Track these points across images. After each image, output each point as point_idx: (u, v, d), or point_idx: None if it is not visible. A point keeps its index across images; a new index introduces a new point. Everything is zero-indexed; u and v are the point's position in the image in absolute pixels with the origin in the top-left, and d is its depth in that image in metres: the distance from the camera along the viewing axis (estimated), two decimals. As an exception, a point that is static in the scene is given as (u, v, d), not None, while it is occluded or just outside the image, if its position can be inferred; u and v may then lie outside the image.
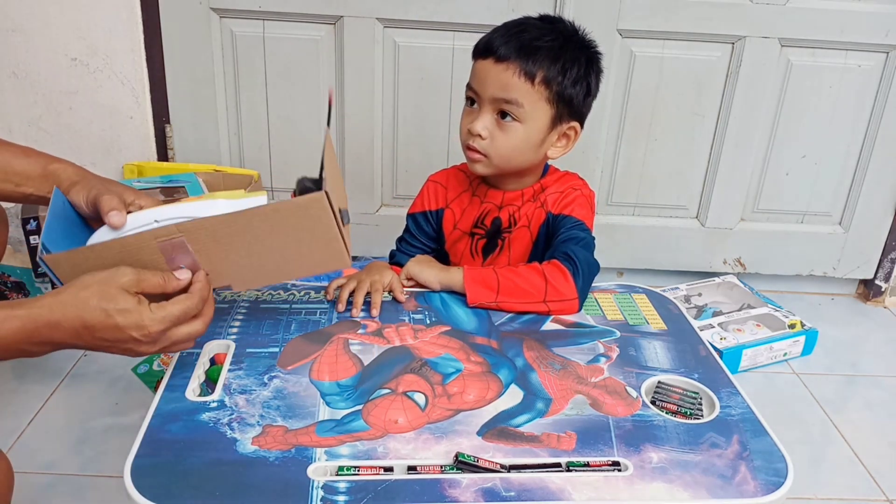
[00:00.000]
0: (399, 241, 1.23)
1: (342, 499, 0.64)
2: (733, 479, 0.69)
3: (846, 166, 1.77)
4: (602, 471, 0.69)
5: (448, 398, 0.79)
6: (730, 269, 1.86)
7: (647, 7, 1.59)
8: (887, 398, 1.50)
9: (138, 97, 1.63)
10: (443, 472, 0.68)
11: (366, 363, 0.84)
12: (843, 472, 1.29)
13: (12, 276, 1.52)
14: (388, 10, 1.58)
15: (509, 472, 0.69)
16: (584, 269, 0.99)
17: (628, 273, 1.88)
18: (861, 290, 1.92)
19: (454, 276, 1.01)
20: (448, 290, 1.01)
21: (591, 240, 1.07)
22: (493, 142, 1.03)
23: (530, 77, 1.00)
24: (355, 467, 0.68)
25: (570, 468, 0.70)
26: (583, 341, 0.91)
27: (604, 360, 0.88)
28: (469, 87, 1.05)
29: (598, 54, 1.06)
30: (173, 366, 0.82)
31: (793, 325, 1.61)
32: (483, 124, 1.02)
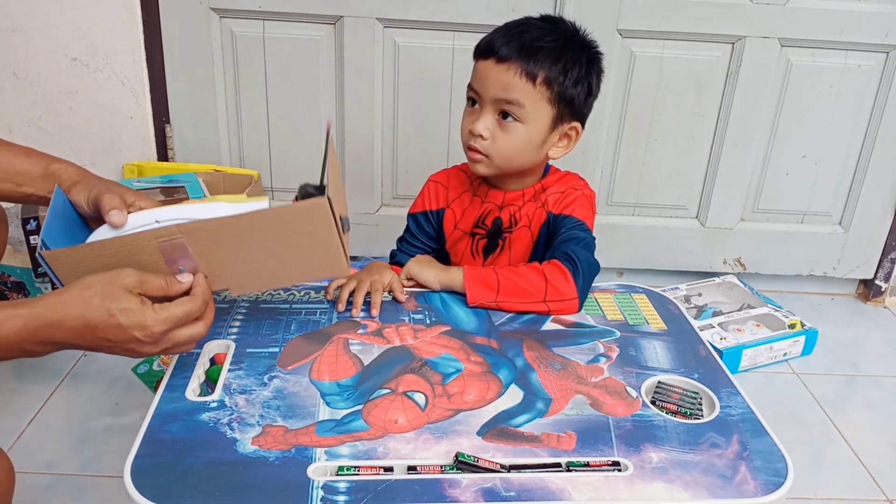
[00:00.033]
0: (400, 241, 1.23)
1: (342, 499, 0.64)
2: (733, 479, 0.69)
3: (846, 166, 1.77)
4: (602, 471, 0.69)
5: (448, 398, 0.79)
6: (730, 269, 1.86)
7: (647, 7, 1.59)
8: (887, 398, 1.50)
9: (138, 97, 1.63)
10: (443, 472, 0.68)
11: (366, 363, 0.84)
12: (843, 472, 1.29)
13: (12, 276, 1.52)
14: (388, 10, 1.58)
15: (509, 472, 0.69)
16: (585, 268, 0.99)
17: (628, 273, 1.88)
18: (861, 290, 1.92)
19: (454, 275, 1.01)
20: (448, 289, 1.01)
21: (592, 240, 1.07)
22: (495, 142, 1.03)
23: (532, 77, 1.00)
24: (355, 467, 0.68)
25: (570, 468, 0.70)
26: (583, 341, 0.91)
27: (604, 360, 0.88)
28: (470, 87, 1.05)
29: (599, 54, 1.06)
30: (173, 366, 0.82)
31: (793, 325, 1.61)
32: (484, 125, 1.02)
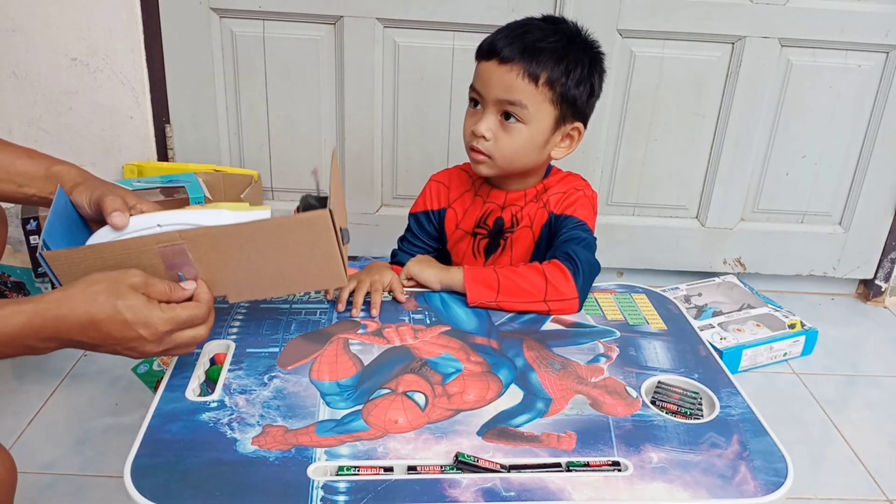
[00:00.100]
0: (401, 241, 1.23)
1: (342, 499, 0.64)
2: (733, 479, 0.69)
3: (846, 166, 1.77)
4: (602, 471, 0.69)
5: (448, 398, 0.79)
6: (730, 269, 1.86)
7: (647, 7, 1.59)
8: (887, 398, 1.50)
9: (138, 97, 1.63)
10: (443, 472, 0.68)
11: (366, 363, 0.84)
12: (843, 472, 1.29)
13: (12, 276, 1.52)
14: (388, 10, 1.58)
15: (509, 472, 0.69)
16: (585, 268, 0.99)
17: (628, 273, 1.88)
18: (861, 290, 1.92)
19: (454, 275, 1.01)
20: (448, 289, 1.01)
21: (593, 240, 1.07)
22: (497, 143, 1.03)
23: (534, 78, 0.99)
24: (355, 467, 0.68)
25: (570, 468, 0.70)
26: (583, 341, 0.91)
27: (604, 360, 0.88)
28: (472, 88, 1.05)
29: (602, 55, 1.06)
30: (173, 366, 0.82)
31: (793, 325, 1.61)
32: (487, 125, 1.02)
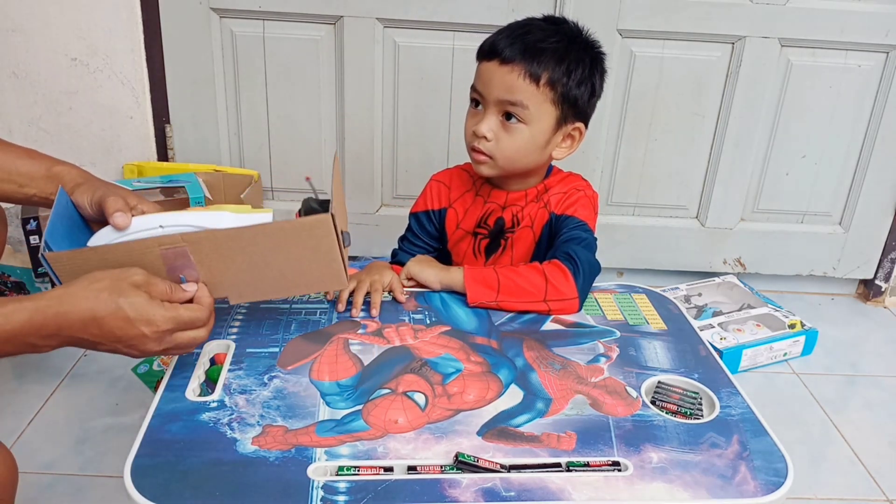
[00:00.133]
0: (401, 240, 1.23)
1: (342, 499, 0.64)
2: (733, 479, 0.69)
3: (846, 166, 1.77)
4: (602, 471, 0.69)
5: (448, 398, 0.79)
6: (730, 269, 1.86)
7: (647, 7, 1.59)
8: (887, 398, 1.50)
9: (138, 97, 1.63)
10: (443, 472, 0.68)
11: (366, 363, 0.84)
12: (843, 472, 1.29)
13: (12, 276, 1.52)
14: (388, 10, 1.58)
15: (509, 472, 0.69)
16: (585, 268, 0.99)
17: (628, 273, 1.88)
18: (861, 290, 1.92)
19: (454, 275, 1.01)
20: (448, 289, 1.01)
21: (593, 241, 1.07)
22: (499, 143, 1.03)
23: (535, 79, 0.99)
24: (355, 467, 0.68)
25: (570, 468, 0.70)
26: (583, 341, 0.91)
27: (604, 360, 0.88)
28: (473, 88, 1.05)
29: (603, 55, 1.06)
30: (173, 366, 0.82)
31: (793, 325, 1.61)
32: (488, 126, 1.02)
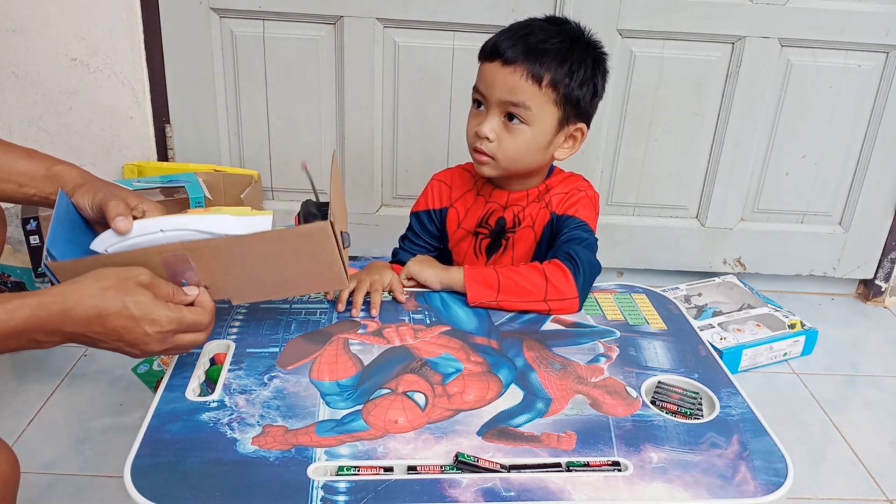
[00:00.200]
0: (402, 240, 1.23)
1: (342, 499, 0.64)
2: (733, 479, 0.69)
3: (846, 166, 1.77)
4: (602, 471, 0.69)
5: (448, 398, 0.79)
6: (730, 269, 1.86)
7: (647, 7, 1.59)
8: (887, 398, 1.50)
9: (138, 97, 1.63)
10: (443, 472, 0.68)
11: (366, 363, 0.84)
12: (843, 472, 1.29)
13: (12, 276, 1.52)
14: (388, 10, 1.58)
15: (509, 472, 0.69)
16: (586, 268, 0.99)
17: (628, 273, 1.88)
18: (861, 290, 1.92)
19: (454, 275, 1.01)
20: (448, 289, 1.01)
21: (594, 241, 1.07)
22: (501, 144, 1.03)
23: (538, 79, 0.99)
24: (355, 467, 0.68)
25: (570, 468, 0.70)
26: (583, 341, 0.91)
27: (604, 360, 0.88)
28: (476, 89, 1.05)
29: (605, 55, 1.06)
30: (173, 366, 0.82)
31: (793, 325, 1.61)
32: (490, 127, 1.02)
